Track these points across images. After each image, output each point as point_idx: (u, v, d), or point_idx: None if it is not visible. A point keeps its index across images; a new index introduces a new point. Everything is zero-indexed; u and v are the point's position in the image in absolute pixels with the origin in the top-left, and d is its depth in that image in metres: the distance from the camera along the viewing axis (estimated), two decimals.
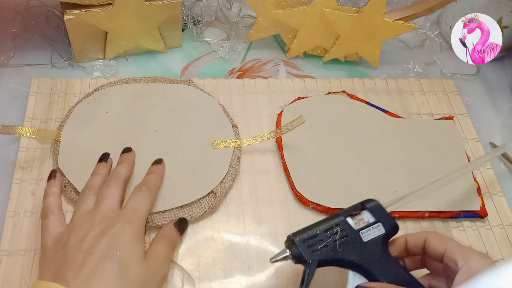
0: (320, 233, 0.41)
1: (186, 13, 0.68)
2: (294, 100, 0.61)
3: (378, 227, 0.41)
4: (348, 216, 0.42)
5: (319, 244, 0.41)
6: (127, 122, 0.54)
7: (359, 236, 0.41)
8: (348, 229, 0.41)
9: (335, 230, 0.41)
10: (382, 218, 0.42)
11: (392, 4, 0.73)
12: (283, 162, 0.55)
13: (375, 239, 0.41)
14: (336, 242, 0.41)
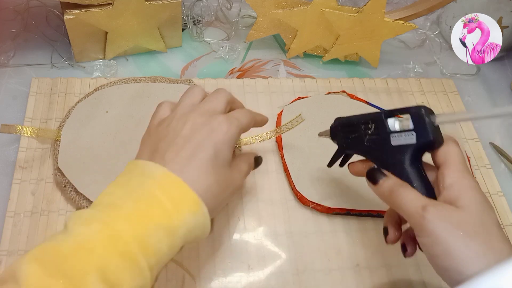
0: (357, 124, 0.43)
1: (186, 13, 0.68)
2: (294, 100, 0.61)
3: (411, 136, 0.39)
4: (389, 116, 0.41)
5: (352, 133, 0.43)
6: (127, 122, 0.54)
7: (389, 138, 0.40)
8: (382, 128, 0.41)
9: (370, 125, 0.42)
10: (419, 128, 0.39)
11: (392, 4, 0.73)
12: (283, 162, 0.55)
13: (404, 147, 0.39)
14: (366, 137, 0.42)
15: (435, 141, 0.38)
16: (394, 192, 0.38)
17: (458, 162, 0.38)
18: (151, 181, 0.35)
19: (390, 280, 0.49)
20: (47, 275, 0.30)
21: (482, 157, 0.60)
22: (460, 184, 0.37)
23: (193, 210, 0.35)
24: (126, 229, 0.32)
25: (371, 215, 0.52)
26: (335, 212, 0.52)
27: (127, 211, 0.34)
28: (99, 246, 0.31)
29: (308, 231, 0.51)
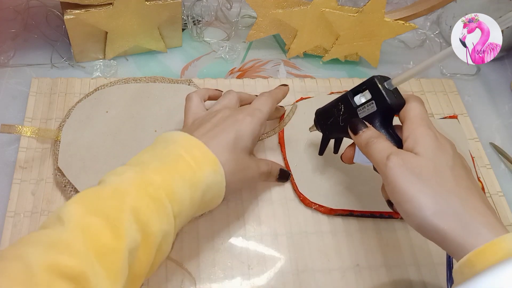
0: (330, 109, 0.47)
1: (186, 13, 0.68)
2: (297, 100, 0.60)
3: (372, 105, 0.42)
4: (355, 94, 0.44)
5: (329, 119, 0.47)
6: (127, 122, 0.54)
7: (356, 112, 0.43)
8: (349, 106, 0.44)
9: (340, 107, 0.45)
10: (376, 96, 0.42)
11: (392, 4, 0.73)
12: (285, 163, 0.55)
13: (369, 116, 0.42)
14: (339, 117, 0.45)
15: (393, 104, 0.41)
16: (369, 143, 0.41)
17: (414, 115, 0.41)
18: (175, 144, 0.40)
19: (390, 280, 0.49)
20: (88, 213, 0.33)
21: (482, 157, 0.60)
22: (415, 134, 0.40)
23: (213, 168, 0.40)
24: (156, 177, 0.37)
25: (373, 216, 0.52)
26: (337, 214, 0.52)
27: (155, 165, 0.38)
28: (132, 190, 0.36)
29: (308, 231, 0.51)
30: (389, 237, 0.51)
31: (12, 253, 0.31)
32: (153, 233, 0.35)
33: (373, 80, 0.42)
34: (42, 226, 0.34)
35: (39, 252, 0.30)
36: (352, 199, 0.52)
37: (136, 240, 0.34)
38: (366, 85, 0.43)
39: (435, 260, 0.50)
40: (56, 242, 0.31)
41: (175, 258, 0.47)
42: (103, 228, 0.33)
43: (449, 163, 0.38)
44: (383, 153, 0.39)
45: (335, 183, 0.53)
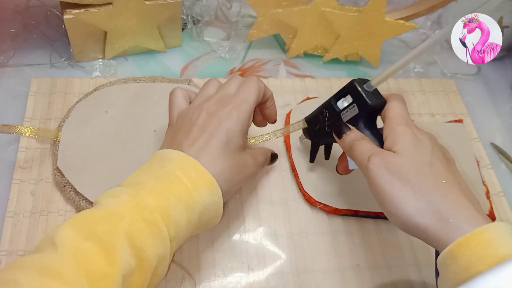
0: (316, 117, 0.48)
1: (186, 13, 0.68)
2: (303, 100, 0.60)
3: (354, 108, 0.43)
4: (337, 99, 0.45)
5: (316, 126, 0.48)
6: (127, 122, 0.54)
7: (340, 117, 0.44)
8: (332, 112, 0.45)
9: (324, 113, 0.46)
10: (357, 98, 0.43)
11: (393, 4, 0.73)
12: (291, 162, 0.55)
13: (353, 119, 0.43)
14: (325, 123, 0.46)
15: (374, 105, 0.42)
16: (352, 145, 0.42)
17: (393, 115, 0.41)
18: (171, 164, 0.39)
19: (390, 280, 0.49)
20: (81, 238, 0.33)
21: (482, 157, 0.60)
22: (394, 133, 0.40)
23: (209, 189, 0.39)
24: (151, 200, 0.36)
25: (378, 217, 0.52)
26: (342, 213, 0.52)
27: (151, 186, 0.37)
28: (127, 213, 0.35)
29: (308, 231, 0.51)
30: (390, 237, 0.51)
31: (5, 278, 0.30)
32: (148, 258, 0.35)
33: (353, 83, 0.43)
34: (36, 249, 0.34)
35: (31, 278, 0.30)
36: (357, 199, 0.52)
37: (130, 265, 0.33)
38: (347, 89, 0.44)
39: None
40: (48, 267, 0.31)
41: (175, 258, 0.47)
42: (96, 253, 0.32)
43: (428, 159, 0.39)
44: (365, 154, 0.40)
45: (341, 183, 0.53)
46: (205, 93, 0.45)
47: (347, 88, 0.44)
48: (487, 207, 0.54)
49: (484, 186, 0.56)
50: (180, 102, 0.45)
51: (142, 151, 0.52)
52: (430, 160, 0.39)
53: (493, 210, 0.54)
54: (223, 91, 0.44)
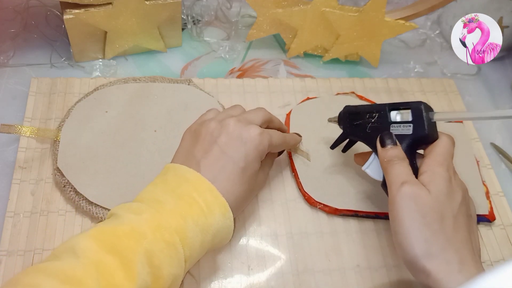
0: (362, 113, 0.47)
1: (186, 13, 0.67)
2: (303, 100, 0.60)
3: (408, 128, 0.42)
4: (392, 109, 0.44)
5: (357, 120, 0.48)
6: (127, 122, 0.54)
7: (389, 127, 0.44)
8: (384, 119, 0.44)
9: (374, 115, 0.46)
10: (417, 121, 0.42)
11: (393, 4, 0.73)
12: (291, 162, 0.55)
13: (400, 136, 0.43)
14: (369, 124, 0.46)
15: (429, 135, 0.42)
16: (391, 161, 0.42)
17: (438, 153, 0.42)
18: (188, 184, 0.40)
19: (390, 280, 0.49)
20: (103, 251, 0.34)
21: (482, 157, 0.60)
22: (433, 171, 0.40)
23: (223, 213, 0.40)
24: (171, 222, 0.37)
25: (378, 217, 0.52)
26: (342, 214, 0.52)
27: (170, 206, 0.38)
28: (149, 232, 0.36)
29: (308, 231, 0.51)
30: (390, 237, 0.51)
31: (28, 282, 0.31)
32: (163, 277, 0.36)
33: (420, 106, 0.42)
34: (54, 256, 0.34)
35: (54, 285, 0.31)
36: (357, 199, 0.52)
37: (146, 283, 0.34)
38: (410, 106, 0.43)
39: None
40: (70, 276, 0.32)
41: None
42: (117, 268, 0.33)
43: (455, 211, 0.39)
44: (400, 177, 0.40)
45: (341, 183, 0.53)
46: (231, 112, 0.46)
47: (410, 106, 0.43)
48: (487, 207, 0.54)
49: (484, 186, 0.56)
50: (209, 115, 0.47)
51: (142, 151, 0.52)
52: (456, 212, 0.39)
53: (493, 210, 0.54)
54: (248, 115, 0.46)
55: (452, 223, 0.39)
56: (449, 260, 0.37)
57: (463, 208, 0.40)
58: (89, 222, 0.48)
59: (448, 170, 0.41)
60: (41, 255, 0.46)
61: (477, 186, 0.55)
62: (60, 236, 0.47)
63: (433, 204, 0.38)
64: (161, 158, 0.52)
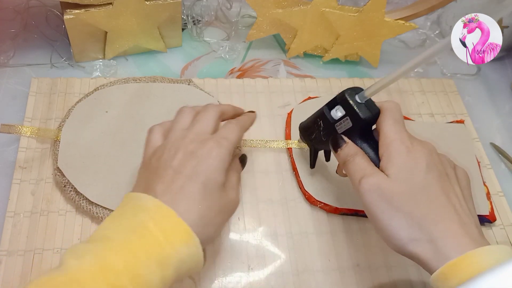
0: (311, 125, 0.46)
1: (186, 13, 0.68)
2: (304, 99, 0.60)
3: (348, 121, 0.41)
4: (330, 108, 0.43)
5: (311, 134, 0.47)
6: (127, 122, 0.54)
7: (335, 128, 0.43)
8: (327, 122, 0.44)
9: (319, 122, 0.45)
10: (349, 111, 0.41)
11: (393, 4, 0.73)
12: (291, 161, 0.55)
13: (348, 131, 0.42)
14: (321, 133, 0.45)
15: (367, 117, 0.40)
16: (346, 161, 0.41)
17: (386, 130, 0.40)
18: (144, 213, 0.36)
19: (390, 280, 0.49)
20: None
21: (482, 157, 0.60)
22: (388, 152, 0.39)
23: (185, 240, 0.35)
24: (117, 260, 0.33)
25: None
26: (342, 213, 0.52)
27: (119, 242, 0.34)
28: (89, 279, 0.32)
29: (308, 231, 0.51)
30: None
31: None
32: None
33: (344, 95, 0.41)
34: None
35: None
36: (357, 199, 0.52)
37: None
38: (338, 100, 0.42)
39: None
40: None
41: None
42: None
43: (421, 182, 0.37)
44: (357, 174, 0.39)
45: (341, 182, 0.53)
46: (179, 126, 0.42)
47: (338, 99, 0.42)
48: (488, 207, 0.54)
49: (484, 186, 0.56)
50: (156, 140, 0.42)
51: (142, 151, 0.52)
52: (424, 183, 0.38)
53: (494, 210, 0.54)
54: (199, 126, 0.41)
55: (424, 197, 0.37)
56: (431, 238, 0.36)
57: (433, 173, 0.38)
58: (89, 222, 0.48)
59: (402, 142, 0.39)
60: (41, 255, 0.46)
61: (478, 187, 0.55)
62: (60, 236, 0.47)
63: (395, 187, 0.37)
64: None
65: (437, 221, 0.36)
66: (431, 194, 0.37)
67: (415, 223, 0.36)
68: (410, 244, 0.36)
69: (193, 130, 0.41)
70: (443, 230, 0.36)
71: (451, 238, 0.36)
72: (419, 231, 0.36)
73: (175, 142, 0.40)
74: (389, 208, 0.37)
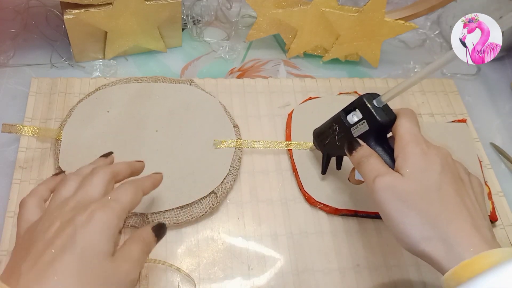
0: (326, 130, 0.47)
1: (186, 13, 0.68)
2: (305, 100, 0.60)
3: (364, 124, 0.42)
4: (347, 113, 0.44)
5: (325, 139, 0.48)
6: (128, 122, 0.54)
7: (350, 132, 0.44)
8: (343, 126, 0.44)
9: (334, 127, 0.46)
10: (367, 115, 0.42)
11: (393, 4, 0.73)
12: (292, 161, 0.55)
13: (363, 135, 0.43)
14: (336, 138, 0.46)
15: (384, 121, 0.41)
16: (360, 162, 0.41)
17: (403, 132, 0.40)
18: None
19: (390, 280, 0.49)
20: None
21: (482, 157, 0.60)
22: (403, 153, 0.39)
23: None
24: None
25: (379, 217, 0.52)
26: (342, 214, 0.52)
27: None
28: None
29: (308, 231, 0.51)
30: (389, 237, 0.51)
31: None
32: None
33: (362, 99, 0.42)
34: None
35: None
36: (357, 199, 0.52)
37: None
38: (355, 104, 0.43)
39: None
40: None
41: (175, 257, 0.47)
42: None
43: (436, 183, 0.37)
44: (371, 174, 0.39)
45: (341, 183, 0.53)
46: (61, 195, 0.36)
47: (356, 103, 0.43)
48: (489, 208, 0.54)
49: (486, 186, 0.56)
50: (31, 214, 0.36)
51: (143, 151, 0.52)
52: (438, 183, 0.37)
53: (495, 211, 0.54)
54: (83, 193, 0.36)
55: (437, 196, 0.37)
56: (443, 237, 0.35)
57: (447, 175, 0.38)
58: None
59: (418, 144, 0.39)
60: None
61: None
62: None
63: (410, 186, 0.37)
64: (162, 158, 0.52)
65: (450, 220, 0.36)
66: (445, 195, 0.37)
67: (428, 221, 0.36)
68: (422, 242, 0.36)
69: (76, 198, 0.35)
70: (457, 229, 0.36)
71: (465, 237, 0.35)
72: (432, 229, 0.36)
73: (53, 212, 0.34)
74: (402, 207, 0.37)
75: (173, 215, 0.48)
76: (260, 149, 0.56)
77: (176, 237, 0.49)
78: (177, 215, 0.48)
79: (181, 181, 0.50)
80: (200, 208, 0.49)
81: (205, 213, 0.49)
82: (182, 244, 0.48)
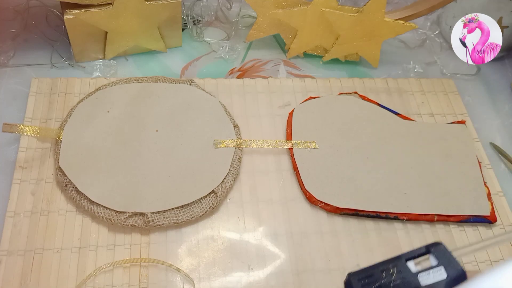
0: (376, 273, 0.41)
1: (186, 13, 0.68)
2: (305, 99, 0.61)
3: (440, 271, 0.39)
4: (409, 259, 0.40)
5: (373, 284, 0.41)
6: (129, 122, 0.54)
7: (416, 279, 0.39)
8: (405, 271, 0.40)
9: (391, 271, 0.40)
10: (446, 262, 0.39)
11: (392, 4, 0.73)
12: (292, 160, 0.55)
13: (435, 284, 0.38)
14: (391, 283, 0.40)
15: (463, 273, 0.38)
16: None
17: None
18: None
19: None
20: None
21: (482, 157, 0.60)
22: None
23: None
24: None
25: (379, 217, 0.52)
26: (343, 213, 0.52)
27: None
28: None
29: (308, 231, 0.51)
30: (389, 237, 0.51)
31: None
32: None
33: (441, 245, 0.39)
34: None
35: None
36: (358, 198, 0.52)
37: None
38: (428, 250, 0.40)
39: None
40: None
41: (175, 257, 0.47)
42: None
43: None
44: None
45: (342, 182, 0.53)
46: None
47: (429, 250, 0.40)
48: (489, 208, 0.54)
49: (485, 187, 0.56)
50: None
51: (144, 151, 0.52)
52: None
53: (494, 211, 0.54)
54: None
55: None
56: None
57: None
58: (90, 222, 0.48)
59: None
60: (41, 255, 0.46)
61: (478, 187, 0.55)
62: (60, 236, 0.47)
63: None
64: (162, 158, 0.52)
65: None
66: None
67: None
68: None
69: None
70: None
71: None
72: None
73: None
74: None
75: (173, 215, 0.48)
76: (260, 149, 0.56)
77: (176, 237, 0.49)
78: (177, 214, 0.48)
79: (181, 181, 0.50)
80: (200, 207, 0.49)
81: (205, 213, 0.49)
82: (182, 244, 0.48)
